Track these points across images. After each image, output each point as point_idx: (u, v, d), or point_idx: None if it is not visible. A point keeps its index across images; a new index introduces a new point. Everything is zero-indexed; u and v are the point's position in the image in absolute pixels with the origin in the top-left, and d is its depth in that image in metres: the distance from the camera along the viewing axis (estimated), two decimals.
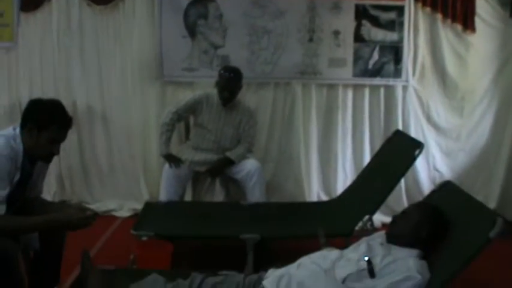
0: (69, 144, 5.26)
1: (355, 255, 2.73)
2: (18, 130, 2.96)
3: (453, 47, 5.25)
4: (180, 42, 5.23)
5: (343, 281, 2.60)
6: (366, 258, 2.63)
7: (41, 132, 2.90)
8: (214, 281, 2.86)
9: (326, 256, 2.81)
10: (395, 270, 2.56)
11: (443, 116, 5.39)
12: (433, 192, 3.24)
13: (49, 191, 5.33)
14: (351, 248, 2.88)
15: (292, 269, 2.80)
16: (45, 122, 2.90)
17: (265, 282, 2.78)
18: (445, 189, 3.16)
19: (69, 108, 3.00)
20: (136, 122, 5.45)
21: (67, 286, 3.42)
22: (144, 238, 3.95)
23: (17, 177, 2.92)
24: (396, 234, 2.79)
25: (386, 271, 2.57)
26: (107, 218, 5.20)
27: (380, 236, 2.89)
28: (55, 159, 5.18)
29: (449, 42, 5.24)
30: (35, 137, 2.91)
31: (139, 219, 4.22)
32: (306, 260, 2.83)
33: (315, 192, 5.43)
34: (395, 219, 2.87)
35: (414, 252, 2.67)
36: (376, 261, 2.61)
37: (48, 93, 3.03)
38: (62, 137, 3.00)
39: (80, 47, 5.35)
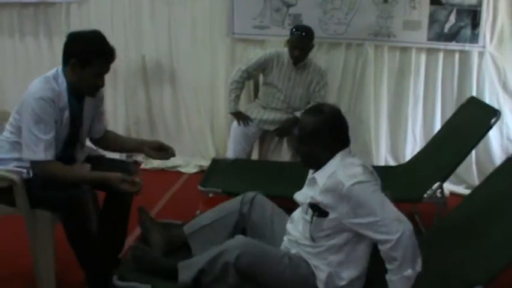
0: (137, 98, 5.34)
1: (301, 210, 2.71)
2: (60, 69, 2.94)
3: None
4: None
5: (313, 239, 2.57)
6: (308, 201, 2.58)
7: (85, 67, 2.86)
8: (271, 203, 2.99)
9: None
10: (334, 197, 2.48)
11: None
12: (507, 161, 3.13)
13: None
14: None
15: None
16: (88, 57, 2.86)
17: None
18: None
19: (138, 63, 2.97)
20: (205, 79, 5.46)
21: (132, 241, 3.47)
22: (211, 194, 3.98)
23: (66, 115, 2.93)
24: (309, 162, 2.68)
25: (329, 201, 2.49)
26: (173, 173, 5.27)
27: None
28: (122, 113, 5.32)
29: None
30: (78, 73, 2.88)
31: (206, 175, 4.24)
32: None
33: (382, 157, 5.34)
34: (297, 150, 2.75)
35: (334, 162, 2.59)
36: (318, 199, 2.53)
37: (118, 48, 2.99)
38: (106, 69, 2.95)
39: (150, 1, 5.36)
